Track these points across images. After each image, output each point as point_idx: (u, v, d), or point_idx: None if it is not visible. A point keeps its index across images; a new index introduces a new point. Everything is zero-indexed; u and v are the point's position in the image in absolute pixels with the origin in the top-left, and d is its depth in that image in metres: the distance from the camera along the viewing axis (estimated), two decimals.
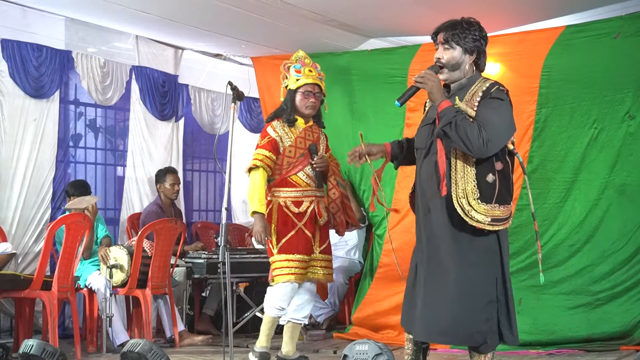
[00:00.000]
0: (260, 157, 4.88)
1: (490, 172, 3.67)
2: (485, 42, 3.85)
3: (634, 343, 5.50)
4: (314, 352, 5.86)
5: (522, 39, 6.27)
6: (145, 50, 7.34)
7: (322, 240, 4.99)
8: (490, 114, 3.63)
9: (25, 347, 4.60)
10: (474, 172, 3.67)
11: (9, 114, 6.33)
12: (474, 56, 3.80)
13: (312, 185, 4.94)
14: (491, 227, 3.65)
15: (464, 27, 3.82)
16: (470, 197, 3.65)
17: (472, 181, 3.67)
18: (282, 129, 4.95)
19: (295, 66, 5.00)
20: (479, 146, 3.58)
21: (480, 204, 3.64)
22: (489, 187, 3.66)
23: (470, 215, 3.64)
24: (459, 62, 3.78)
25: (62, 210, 6.53)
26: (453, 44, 3.80)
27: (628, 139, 5.78)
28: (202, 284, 7.08)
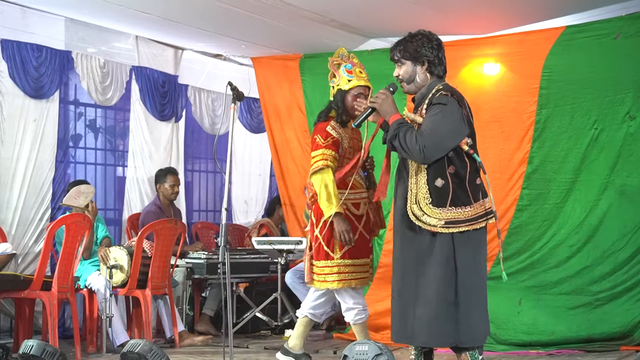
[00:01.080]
0: (330, 157, 4.79)
1: (439, 176, 3.83)
2: (436, 49, 3.98)
3: (634, 343, 5.50)
4: (314, 353, 5.85)
5: (522, 39, 6.28)
6: (145, 50, 7.34)
7: (370, 242, 5.00)
8: (429, 121, 3.82)
9: (25, 347, 4.59)
10: (426, 178, 3.85)
11: (9, 114, 6.33)
12: (426, 65, 3.97)
13: (364, 187, 4.93)
14: (446, 229, 3.79)
15: (407, 40, 3.99)
16: (422, 202, 3.83)
17: (424, 186, 3.85)
18: (340, 129, 4.90)
19: (346, 66, 4.93)
20: (417, 153, 3.78)
21: (433, 208, 3.81)
22: (440, 191, 3.81)
23: (422, 220, 3.82)
24: (412, 75, 3.99)
25: (62, 211, 6.53)
26: (402, 60, 4.01)
27: (628, 139, 5.78)
28: (202, 284, 7.08)
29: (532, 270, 5.98)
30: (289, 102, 7.45)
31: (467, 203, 3.84)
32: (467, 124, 3.91)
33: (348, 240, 4.70)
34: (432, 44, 3.98)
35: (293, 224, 7.54)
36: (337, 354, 5.72)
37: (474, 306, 3.87)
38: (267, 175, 8.74)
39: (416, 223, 3.84)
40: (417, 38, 3.98)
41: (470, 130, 3.93)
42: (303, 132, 7.35)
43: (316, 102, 7.26)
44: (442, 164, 3.83)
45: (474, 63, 6.44)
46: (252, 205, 8.61)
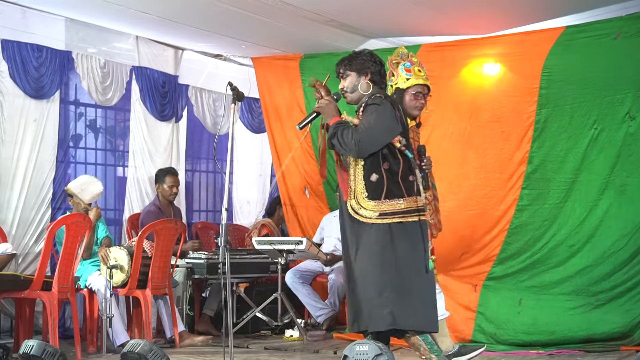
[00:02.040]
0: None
1: (374, 171, 4.15)
2: (378, 65, 4.37)
3: (634, 344, 5.50)
4: (314, 353, 5.86)
5: (522, 39, 6.28)
6: (146, 50, 7.34)
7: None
8: (364, 119, 4.15)
9: (25, 347, 4.60)
10: (362, 174, 4.17)
11: (9, 114, 6.33)
12: (368, 76, 4.32)
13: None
14: (381, 220, 4.10)
15: (353, 56, 4.38)
16: (360, 196, 4.15)
17: (361, 181, 4.17)
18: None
19: (404, 64, 4.91)
20: (352, 146, 4.10)
21: (369, 201, 4.13)
22: (375, 185, 4.13)
23: (359, 213, 4.14)
24: (355, 84, 4.33)
25: (62, 211, 6.54)
26: (348, 72, 4.35)
27: (628, 139, 5.78)
28: (202, 284, 7.08)
29: (532, 270, 5.98)
30: (289, 102, 7.45)
31: (400, 196, 4.15)
32: (400, 124, 4.22)
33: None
34: (375, 60, 4.37)
35: (293, 224, 7.55)
36: (337, 354, 5.73)
37: (413, 293, 4.13)
38: (267, 175, 8.74)
39: (354, 216, 4.16)
40: (363, 54, 4.38)
41: (403, 130, 4.25)
42: (303, 132, 7.34)
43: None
44: (377, 161, 4.16)
45: (474, 63, 6.44)
46: (252, 205, 8.62)
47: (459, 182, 6.38)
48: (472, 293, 6.00)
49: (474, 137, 6.35)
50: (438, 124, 6.52)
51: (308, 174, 7.41)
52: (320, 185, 7.40)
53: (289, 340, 6.46)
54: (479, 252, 6.16)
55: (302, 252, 6.50)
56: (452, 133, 6.46)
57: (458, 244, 6.25)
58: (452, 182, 6.40)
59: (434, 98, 6.53)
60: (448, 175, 6.44)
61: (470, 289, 6.04)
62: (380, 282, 4.11)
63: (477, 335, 5.86)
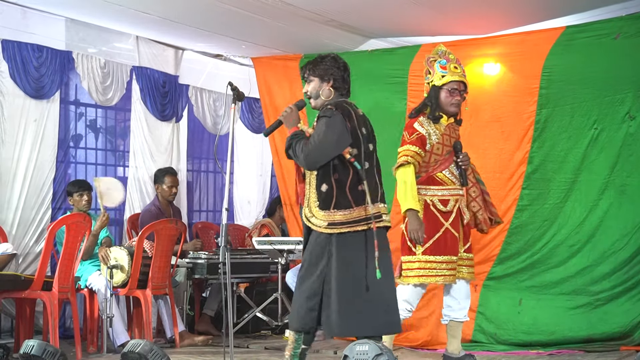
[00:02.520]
0: (411, 153, 4.82)
1: (324, 182, 4.18)
2: (342, 70, 4.36)
3: (634, 344, 5.50)
4: (314, 353, 5.86)
5: (522, 39, 6.28)
6: (146, 50, 7.34)
7: (465, 239, 4.96)
8: (315, 132, 4.18)
9: (26, 347, 4.60)
10: (315, 183, 4.20)
11: (10, 114, 6.33)
12: (330, 82, 4.31)
13: (457, 184, 4.89)
14: (330, 230, 4.12)
15: (317, 61, 4.35)
16: (312, 205, 4.19)
17: (314, 191, 4.20)
18: (428, 125, 4.88)
19: (440, 62, 4.92)
20: (302, 160, 4.15)
21: (319, 210, 4.16)
22: (325, 195, 4.16)
23: (311, 221, 4.19)
24: (318, 91, 4.31)
25: (62, 211, 6.54)
26: (311, 77, 4.34)
27: (628, 139, 5.78)
28: (203, 284, 7.09)
29: (532, 270, 5.98)
30: (290, 102, 7.35)
31: (348, 207, 4.14)
32: (352, 135, 4.18)
33: (417, 238, 4.75)
34: (339, 65, 4.36)
35: (294, 224, 7.54)
36: (337, 354, 5.73)
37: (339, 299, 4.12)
38: (267, 175, 8.74)
39: (307, 224, 4.23)
40: (327, 59, 4.36)
41: (355, 141, 4.20)
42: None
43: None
44: (328, 171, 4.17)
45: (474, 63, 6.43)
46: (253, 205, 8.62)
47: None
48: (472, 293, 5.97)
49: (474, 137, 6.33)
50: None
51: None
52: None
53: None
54: (479, 252, 6.15)
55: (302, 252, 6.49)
56: None
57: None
58: None
59: None
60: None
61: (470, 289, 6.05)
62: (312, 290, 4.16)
63: (477, 335, 5.86)
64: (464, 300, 5.04)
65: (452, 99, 4.85)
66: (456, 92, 4.85)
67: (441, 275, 4.81)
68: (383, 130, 6.77)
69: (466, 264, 4.97)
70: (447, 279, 4.84)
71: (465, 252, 4.97)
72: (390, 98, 6.75)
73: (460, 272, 4.95)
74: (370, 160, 4.30)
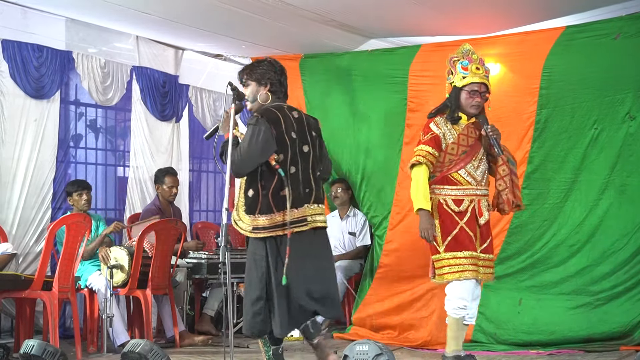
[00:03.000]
0: (424, 153, 4.78)
1: (251, 187, 4.35)
2: (279, 74, 4.57)
3: (633, 343, 5.50)
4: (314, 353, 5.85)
5: (522, 39, 6.28)
6: (146, 50, 7.35)
7: (482, 239, 4.83)
8: (243, 140, 4.34)
9: (26, 347, 4.60)
10: (244, 189, 4.39)
11: (10, 114, 6.34)
12: (268, 86, 4.49)
13: (473, 184, 4.81)
14: (255, 234, 4.31)
15: (254, 65, 4.55)
16: (240, 209, 4.37)
17: (243, 196, 4.39)
18: (445, 126, 4.84)
19: (462, 62, 4.89)
20: (232, 167, 4.29)
21: (246, 215, 4.34)
22: (251, 200, 4.34)
23: (238, 225, 4.36)
24: (255, 94, 4.48)
25: (62, 210, 6.54)
26: (249, 81, 4.51)
27: (628, 139, 5.78)
28: (203, 284, 7.08)
29: (532, 270, 5.98)
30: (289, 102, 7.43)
31: (270, 212, 4.32)
32: (278, 141, 4.32)
33: (427, 237, 4.73)
34: (275, 70, 4.55)
35: None
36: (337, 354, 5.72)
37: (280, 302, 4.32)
38: None
39: (235, 227, 4.40)
40: (263, 64, 4.53)
41: (281, 146, 4.34)
42: None
43: (316, 102, 7.26)
44: (255, 177, 4.34)
45: None
46: None
47: None
48: None
49: None
50: None
51: None
52: None
53: (289, 340, 6.45)
54: None
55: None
56: None
57: None
58: None
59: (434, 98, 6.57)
60: None
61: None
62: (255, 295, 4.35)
63: (477, 335, 5.86)
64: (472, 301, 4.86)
65: (472, 100, 4.80)
66: (476, 94, 4.80)
67: (468, 270, 4.69)
68: (383, 130, 6.83)
69: (484, 264, 4.81)
70: (472, 274, 4.70)
71: (483, 252, 4.82)
72: (390, 98, 6.76)
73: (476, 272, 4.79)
74: (303, 163, 4.43)
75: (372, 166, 6.87)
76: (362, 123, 6.94)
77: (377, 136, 6.87)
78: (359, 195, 7.00)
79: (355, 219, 7.22)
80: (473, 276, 4.71)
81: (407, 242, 6.53)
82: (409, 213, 6.58)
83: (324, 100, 7.23)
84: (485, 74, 4.88)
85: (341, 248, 7.18)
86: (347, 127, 7.01)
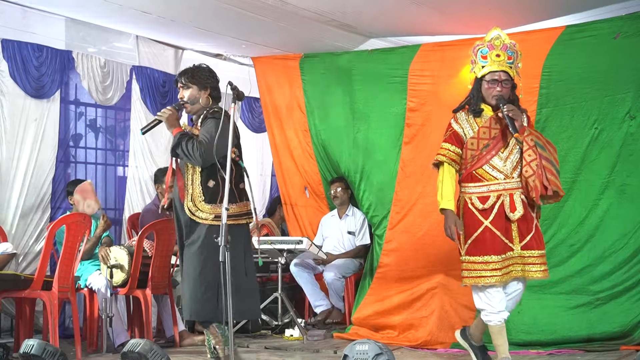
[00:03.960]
0: (444, 151, 4.65)
1: (211, 178, 4.62)
2: (215, 80, 4.86)
3: (634, 343, 5.49)
4: (314, 352, 5.87)
5: (522, 39, 6.24)
6: (146, 50, 7.35)
7: (521, 235, 4.55)
8: (206, 132, 4.60)
9: (25, 347, 4.60)
10: (200, 180, 4.65)
11: (10, 114, 6.34)
12: (208, 90, 4.76)
13: (499, 178, 4.60)
14: (216, 222, 4.50)
15: (194, 70, 4.80)
16: (197, 199, 4.59)
17: (199, 186, 4.64)
18: (465, 121, 4.66)
19: (482, 50, 4.66)
20: (197, 157, 4.57)
21: (205, 204, 4.59)
22: (212, 190, 4.61)
23: (196, 215, 4.60)
24: (196, 97, 4.73)
25: (62, 210, 6.54)
26: (189, 84, 4.74)
27: (628, 139, 5.78)
28: None
29: None
30: (290, 101, 7.45)
31: (234, 202, 4.64)
32: (235, 137, 4.58)
33: (450, 236, 4.60)
34: (213, 75, 4.87)
35: (294, 223, 7.55)
36: (337, 354, 5.73)
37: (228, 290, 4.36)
38: (268, 175, 8.74)
39: (191, 217, 4.65)
40: (204, 70, 4.82)
41: (236, 142, 4.73)
42: (303, 131, 7.35)
43: (316, 102, 7.26)
44: (215, 168, 4.56)
45: None
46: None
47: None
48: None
49: None
50: (438, 124, 6.50)
51: (308, 174, 7.42)
52: (320, 185, 7.41)
53: (289, 340, 6.46)
54: None
55: (302, 251, 6.50)
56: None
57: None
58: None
59: (433, 98, 6.58)
60: None
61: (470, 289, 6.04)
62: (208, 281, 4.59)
63: None
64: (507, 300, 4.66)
65: (492, 90, 4.57)
66: (496, 83, 4.56)
67: (484, 276, 4.52)
68: (383, 130, 6.83)
69: (527, 261, 4.56)
70: (488, 280, 4.52)
71: (524, 248, 4.55)
72: (390, 98, 6.76)
73: (518, 272, 4.56)
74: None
75: (372, 166, 6.87)
76: (362, 123, 6.94)
77: (376, 136, 6.87)
78: (358, 195, 7.00)
79: (354, 218, 7.22)
80: (491, 282, 4.52)
81: (407, 242, 6.53)
82: (409, 213, 6.59)
83: (324, 100, 7.23)
84: (508, 60, 4.62)
85: (340, 247, 7.19)
86: (347, 127, 7.01)
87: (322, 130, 7.22)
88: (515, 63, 4.67)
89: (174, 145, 4.66)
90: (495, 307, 4.56)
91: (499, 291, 4.57)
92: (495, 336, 4.61)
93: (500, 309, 4.58)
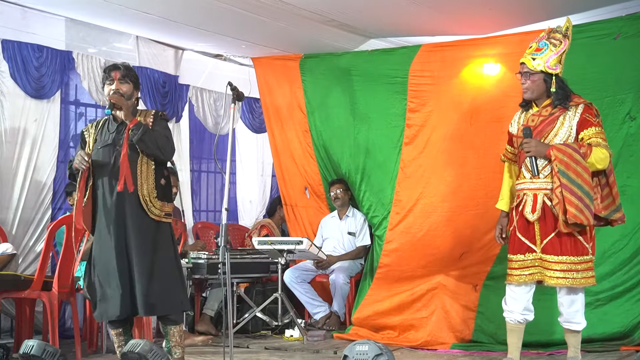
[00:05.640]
0: (504, 150, 4.82)
1: (162, 177, 4.70)
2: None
3: (634, 344, 5.49)
4: (314, 353, 5.86)
5: (522, 39, 6.25)
6: (146, 50, 7.34)
7: (543, 235, 4.51)
8: (161, 131, 4.67)
9: (25, 347, 4.60)
10: (154, 176, 4.64)
11: (10, 114, 6.34)
12: (138, 92, 4.82)
13: (527, 177, 4.58)
14: (167, 219, 4.63)
15: (130, 68, 4.79)
16: (151, 194, 4.60)
17: (152, 182, 4.64)
18: (517, 117, 4.72)
19: (531, 44, 4.65)
20: (168, 151, 4.67)
21: (158, 201, 4.62)
22: (163, 188, 4.68)
23: (150, 211, 4.58)
24: (132, 94, 4.72)
25: (62, 211, 6.54)
26: (127, 79, 4.72)
27: (628, 140, 5.77)
28: (203, 284, 7.09)
29: None
30: (290, 102, 7.45)
31: (171, 201, 4.79)
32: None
33: (496, 237, 4.79)
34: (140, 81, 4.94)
35: (294, 224, 7.55)
36: (337, 354, 5.73)
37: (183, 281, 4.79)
38: (268, 175, 8.74)
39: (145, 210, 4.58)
40: (134, 71, 4.84)
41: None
42: (304, 132, 7.35)
43: (316, 102, 7.26)
44: (164, 167, 4.72)
45: (474, 63, 6.44)
46: (254, 205, 8.62)
47: (460, 183, 6.37)
48: (473, 293, 6.00)
49: (475, 137, 6.34)
50: (438, 124, 6.52)
51: (308, 175, 7.42)
52: (321, 185, 7.41)
53: (289, 340, 6.46)
54: (479, 252, 6.15)
55: (302, 252, 6.50)
56: (452, 133, 6.46)
57: (458, 244, 6.24)
58: (452, 183, 6.40)
59: (434, 99, 6.58)
60: (448, 175, 6.44)
61: (470, 289, 6.04)
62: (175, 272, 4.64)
63: (477, 335, 5.86)
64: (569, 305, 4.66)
65: (522, 84, 4.59)
66: (520, 75, 4.56)
67: (511, 275, 4.61)
68: (383, 130, 6.83)
69: (549, 266, 4.51)
70: (514, 279, 4.60)
71: (542, 252, 4.51)
72: (390, 98, 6.76)
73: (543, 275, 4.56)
74: None
75: (372, 166, 6.87)
76: (362, 123, 6.94)
77: (377, 136, 6.86)
78: (358, 196, 7.00)
79: (354, 219, 7.22)
80: (514, 281, 4.59)
81: (407, 242, 6.53)
82: (409, 213, 6.59)
83: (324, 100, 7.23)
84: (535, 52, 4.56)
85: (341, 248, 7.19)
86: (347, 127, 7.01)
87: (323, 130, 7.22)
88: (547, 53, 4.58)
89: (143, 133, 4.49)
90: (507, 305, 4.70)
91: (514, 291, 4.65)
92: (508, 334, 4.75)
93: (513, 309, 4.66)
